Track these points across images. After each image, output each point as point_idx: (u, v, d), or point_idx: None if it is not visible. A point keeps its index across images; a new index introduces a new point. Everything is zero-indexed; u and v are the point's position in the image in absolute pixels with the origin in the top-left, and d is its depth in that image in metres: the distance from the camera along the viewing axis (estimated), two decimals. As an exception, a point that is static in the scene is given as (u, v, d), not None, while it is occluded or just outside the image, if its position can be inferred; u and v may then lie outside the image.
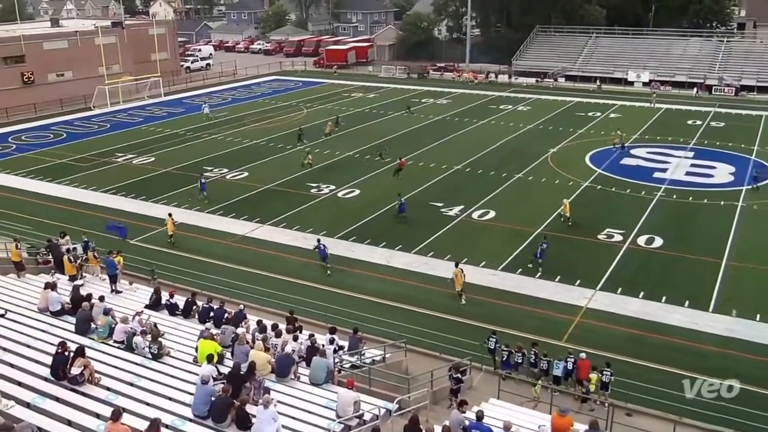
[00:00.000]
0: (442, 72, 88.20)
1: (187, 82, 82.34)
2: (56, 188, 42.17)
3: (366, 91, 76.46)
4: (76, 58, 71.02)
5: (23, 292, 23.43)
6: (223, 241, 33.68)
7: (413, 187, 41.10)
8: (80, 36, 71.97)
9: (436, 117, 62.13)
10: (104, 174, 45.07)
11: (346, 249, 32.43)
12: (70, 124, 60.86)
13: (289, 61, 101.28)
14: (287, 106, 67.31)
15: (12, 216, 36.35)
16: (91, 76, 69.97)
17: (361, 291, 28.23)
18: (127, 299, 24.49)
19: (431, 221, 35.78)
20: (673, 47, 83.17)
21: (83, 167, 46.53)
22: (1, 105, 62.12)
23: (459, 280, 27.34)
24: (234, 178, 43.88)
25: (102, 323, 19.49)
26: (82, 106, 67.46)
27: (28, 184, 43.20)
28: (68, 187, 42.47)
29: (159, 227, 35.17)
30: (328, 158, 48.07)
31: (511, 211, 37.01)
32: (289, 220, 36.07)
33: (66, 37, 72.00)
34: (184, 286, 27.51)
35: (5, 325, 19.65)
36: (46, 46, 69.40)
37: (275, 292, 27.48)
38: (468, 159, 47.09)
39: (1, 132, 57.57)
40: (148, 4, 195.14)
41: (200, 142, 53.54)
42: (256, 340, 19.57)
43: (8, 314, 20.46)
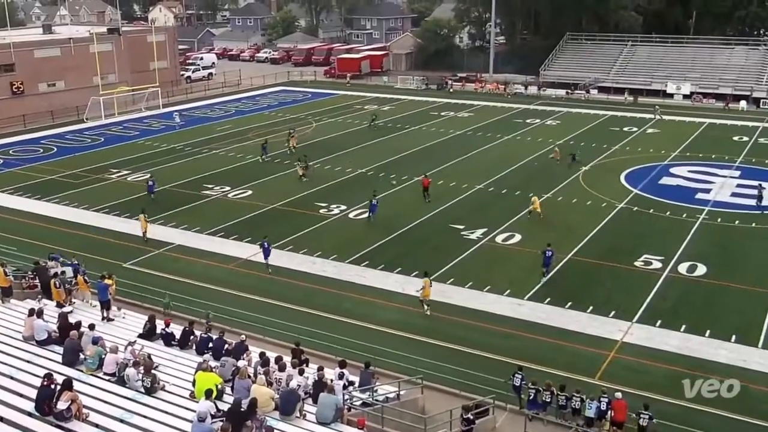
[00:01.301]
0: (464, 83, 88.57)
1: (188, 93, 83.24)
2: (45, 206, 42.56)
3: (381, 103, 76.83)
4: (69, 67, 72.05)
5: (7, 319, 23.52)
6: (224, 265, 33.76)
7: (432, 207, 41.11)
8: (74, 43, 73.06)
9: (457, 131, 62.28)
10: (97, 191, 45.46)
11: (358, 275, 32.39)
12: (62, 137, 61.59)
13: (298, 70, 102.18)
14: (295, 119, 67.78)
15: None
16: (84, 86, 70.90)
17: (374, 321, 28.14)
18: (119, 328, 24.52)
19: (451, 245, 35.71)
20: (716, 57, 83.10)
21: (74, 184, 46.98)
22: (-12, 117, 63.07)
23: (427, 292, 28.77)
24: (237, 196, 44.10)
25: (91, 354, 19.50)
26: (74, 119, 68.29)
27: (15, 201, 43.64)
28: (58, 205, 42.85)
29: (155, 249, 35.36)
30: (339, 176, 48.23)
31: (538, 235, 36.66)
32: (296, 243, 36.13)
33: (58, 45, 73.11)
34: (181, 314, 27.51)
35: (-13, 354, 19.71)
36: (37, 54, 70.48)
37: (280, 322, 27.46)
38: (492, 177, 47.07)
39: (-12, 146, 58.43)
40: (146, 9, 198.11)
41: (201, 157, 53.96)
42: (259, 374, 19.48)
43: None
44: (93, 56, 70.18)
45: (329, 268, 33.16)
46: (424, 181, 42.90)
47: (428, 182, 42.91)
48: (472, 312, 28.71)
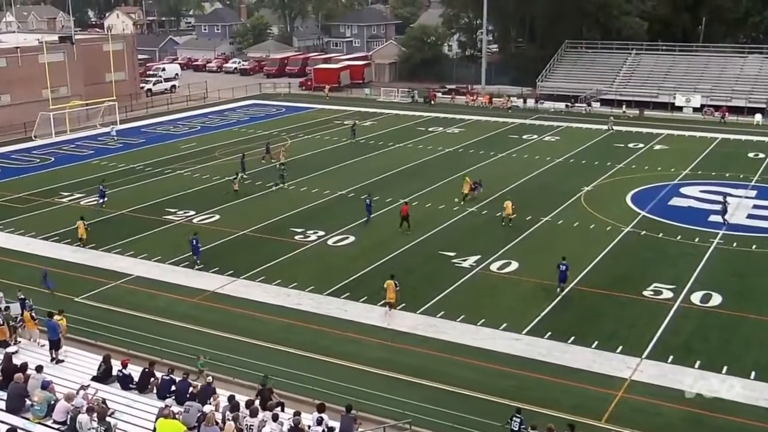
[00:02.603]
0: (453, 95, 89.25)
1: (148, 108, 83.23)
2: (-13, 234, 42.24)
3: (362, 117, 77.13)
4: (16, 79, 71.91)
5: (-56, 361, 23.20)
6: (189, 299, 33.55)
7: (419, 233, 41.15)
8: (21, 53, 73.04)
9: (447, 149, 62.61)
10: (46, 217, 45.17)
11: (338, 308, 32.30)
12: (7, 157, 61.26)
13: (271, 82, 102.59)
14: (267, 135, 67.89)
15: (-67, 268, 36.28)
16: (33, 100, 70.71)
17: (355, 359, 28.00)
18: (71, 370, 24.27)
19: (441, 274, 35.71)
20: (728, 66, 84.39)
21: (20, 209, 46.66)
22: (-76, 134, 62.69)
23: (390, 294, 30.57)
24: (203, 222, 43.96)
25: (39, 399, 19.28)
26: (21, 136, 68.01)
27: (-46, 229, 43.28)
28: (2, 232, 42.53)
29: (111, 281, 35.12)
30: (316, 198, 48.27)
31: (537, 263, 36.89)
32: (269, 273, 36.00)
33: (4, 55, 73.06)
34: (140, 353, 27.28)
35: None
36: (-20, 65, 70.44)
37: (251, 361, 27.24)
38: (485, 199, 47.26)
39: (-76, 167, 57.97)
40: (102, 15, 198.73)
41: (163, 178, 53.83)
42: (228, 420, 19.34)
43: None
44: (43, 67, 70.17)
45: (306, 301, 33.04)
46: (403, 208, 41.92)
47: (407, 209, 41.74)
48: (465, 348, 28.65)
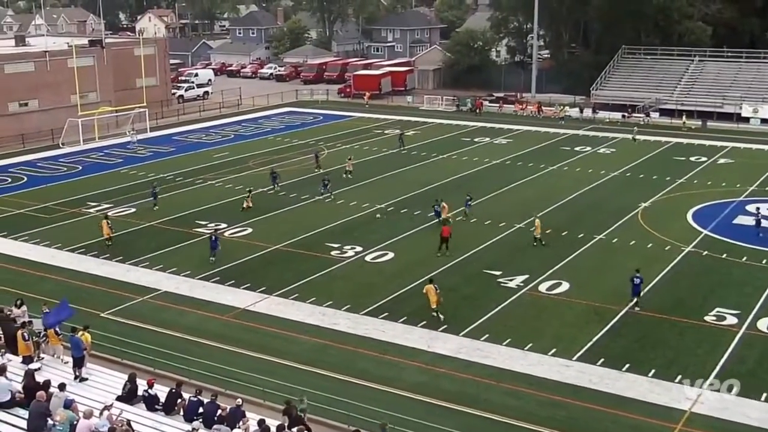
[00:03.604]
0: (501, 104, 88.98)
1: (180, 115, 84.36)
2: (12, 245, 43.00)
3: (404, 127, 77.22)
4: (44, 84, 73.34)
5: (-35, 377, 23.62)
6: (218, 316, 33.78)
7: (462, 250, 40.98)
8: (50, 57, 74.43)
9: (494, 160, 62.40)
10: (72, 228, 45.87)
11: (376, 328, 32.26)
12: (33, 165, 62.46)
13: (308, 89, 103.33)
14: (304, 145, 68.29)
15: (-44, 279, 37.04)
16: (61, 106, 72.13)
17: (394, 384, 27.92)
18: (95, 389, 24.51)
19: (486, 294, 35.54)
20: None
21: (46, 219, 47.47)
22: (-51, 141, 64.20)
23: (432, 297, 32.01)
24: (234, 235, 44.30)
25: (62, 419, 19.49)
26: (48, 143, 69.31)
27: (-22, 239, 44.18)
28: (27, 243, 43.24)
29: (138, 296, 35.52)
30: (354, 211, 48.37)
31: (590, 283, 36.57)
32: (303, 291, 36.11)
33: (33, 59, 74.52)
34: (167, 372, 27.51)
35: (-60, 418, 19.78)
36: (8, 69, 71.82)
37: (282, 384, 27.28)
38: (535, 215, 46.91)
39: (-52, 174, 59.35)
40: (134, 18, 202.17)
41: (193, 189, 54.42)
42: (257, 446, 19.35)
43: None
44: (72, 72, 71.47)
45: (342, 321, 33.07)
46: (444, 229, 41.04)
47: (449, 231, 40.59)
48: (511, 374, 28.42)
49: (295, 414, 22.74)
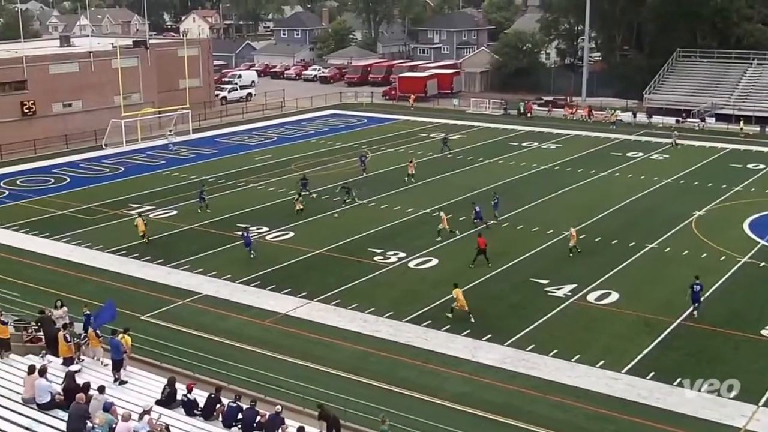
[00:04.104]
0: (550, 108, 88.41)
1: (222, 116, 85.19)
2: (54, 246, 43.77)
3: (450, 131, 77.08)
4: (88, 85, 74.66)
5: (6, 377, 24.09)
6: (259, 321, 34.01)
7: (509, 257, 40.80)
8: (94, 58, 75.75)
9: (542, 166, 62.01)
10: (114, 230, 46.52)
11: (418, 336, 32.20)
12: (76, 166, 63.58)
13: (352, 91, 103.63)
14: (348, 148, 68.52)
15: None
16: (104, 107, 73.38)
17: (436, 394, 27.85)
18: (134, 392, 24.83)
19: (532, 303, 35.31)
20: None
21: (88, 221, 48.25)
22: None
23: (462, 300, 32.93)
24: (276, 239, 44.59)
25: (101, 422, 19.74)
26: (91, 144, 70.50)
27: (20, 239, 45.02)
28: (68, 245, 44.00)
29: (178, 299, 35.91)
30: (397, 216, 48.38)
31: (640, 294, 36.14)
32: (345, 297, 36.21)
33: (77, 59, 75.90)
34: (207, 377, 27.76)
35: (-19, 418, 20.17)
36: (52, 70, 73.23)
37: (323, 391, 27.31)
38: (583, 222, 46.49)
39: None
40: (178, 19, 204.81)
41: (235, 192, 54.90)
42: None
43: (-15, 405, 21.03)
44: (115, 73, 72.58)
45: (384, 328, 33.08)
46: (480, 240, 40.40)
47: (485, 242, 39.99)
48: (558, 386, 28.19)
49: (333, 416, 22.82)
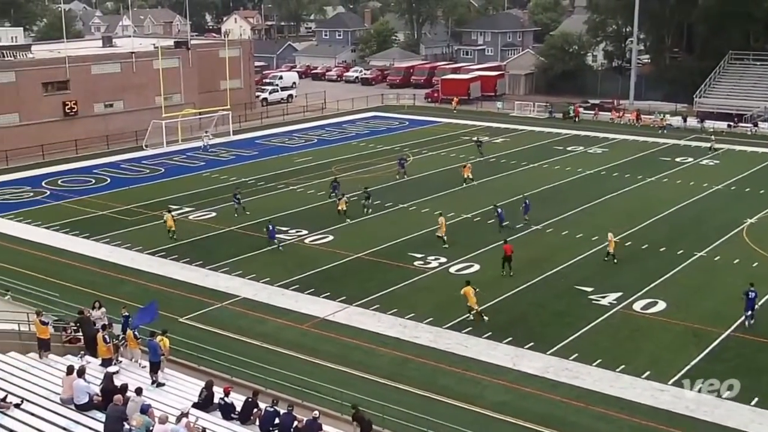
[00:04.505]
0: (597, 111, 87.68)
1: (263, 118, 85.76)
2: (93, 246, 44.41)
3: (493, 134, 76.81)
4: (130, 85, 75.75)
5: (45, 377, 24.48)
6: (297, 325, 34.15)
7: (552, 264, 40.53)
8: (136, 58, 76.87)
9: (587, 171, 61.53)
10: (153, 231, 46.98)
11: (459, 343, 32.11)
12: (116, 166, 64.46)
13: (394, 93, 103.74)
14: (389, 150, 68.56)
15: (37, 279, 38.36)
16: (145, 108, 74.35)
17: (476, 402, 27.74)
18: (171, 394, 25.08)
19: (576, 311, 35.04)
20: None
21: (128, 221, 48.88)
22: (36, 141, 66.56)
23: (472, 298, 33.37)
24: (315, 242, 44.76)
25: (138, 424, 19.96)
26: (132, 145, 71.46)
27: (61, 239, 45.73)
28: (108, 245, 44.60)
29: (217, 302, 36.19)
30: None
31: (689, 303, 35.69)
32: (384, 302, 36.22)
33: (119, 59, 77.07)
34: (244, 380, 27.95)
35: (19, 418, 20.49)
36: (94, 70, 74.43)
37: (361, 397, 27.36)
38: (629, 229, 46.08)
39: (35, 174, 61.72)
40: (220, 19, 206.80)
41: (275, 194, 55.22)
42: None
43: (24, 404, 21.35)
44: (157, 73, 73.39)
45: (424, 334, 33.03)
46: (506, 247, 39.65)
47: (511, 249, 39.32)
48: (601, 397, 27.93)
49: (367, 420, 22.87)
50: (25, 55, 76.84)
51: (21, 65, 71.19)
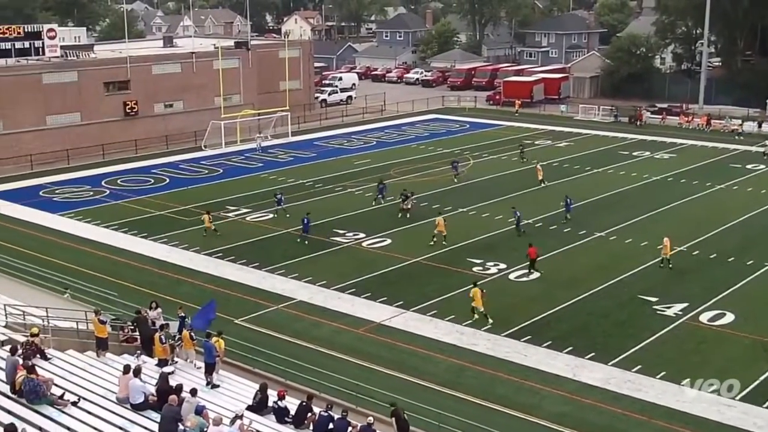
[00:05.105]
0: (664, 115, 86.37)
1: (322, 119, 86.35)
2: (151, 246, 45.16)
3: (556, 138, 76.15)
4: (190, 86, 76.97)
5: (102, 376, 24.93)
6: (353, 329, 34.26)
7: (615, 272, 40.04)
8: (196, 58, 78.08)
9: (653, 177, 60.67)
10: (211, 232, 47.57)
11: (517, 352, 31.89)
12: (175, 167, 65.48)
13: (455, 95, 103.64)
14: (448, 154, 68.41)
15: (96, 278, 39.19)
16: (204, 108, 75.50)
17: (535, 413, 27.55)
18: (226, 396, 25.33)
19: (640, 322, 34.59)
20: None
21: (186, 222, 49.57)
22: (97, 140, 68.15)
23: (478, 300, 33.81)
24: (373, 245, 44.87)
25: (192, 425, 20.19)
26: (191, 145, 72.55)
27: (120, 239, 46.59)
28: (166, 245, 45.32)
29: (272, 304, 36.50)
30: (498, 226, 48.01)
31: (758, 316, 34.98)
32: (442, 308, 36.15)
33: (179, 60, 78.36)
34: (298, 384, 28.14)
35: (76, 416, 20.90)
36: (155, 70, 75.82)
37: (416, 404, 27.35)
38: (697, 237, 45.35)
39: (95, 174, 63.03)
40: (280, 20, 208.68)
41: (332, 196, 55.51)
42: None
43: (81, 402, 21.78)
44: (216, 74, 74.44)
45: (481, 342, 32.89)
46: (531, 250, 39.94)
47: (536, 252, 39.87)
48: (665, 411, 27.50)
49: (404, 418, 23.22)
50: (88, 54, 78.62)
51: (83, 65, 72.79)
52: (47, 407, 21.04)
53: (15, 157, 64.39)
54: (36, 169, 63.83)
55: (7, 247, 44.13)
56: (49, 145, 66.68)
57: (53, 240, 46.27)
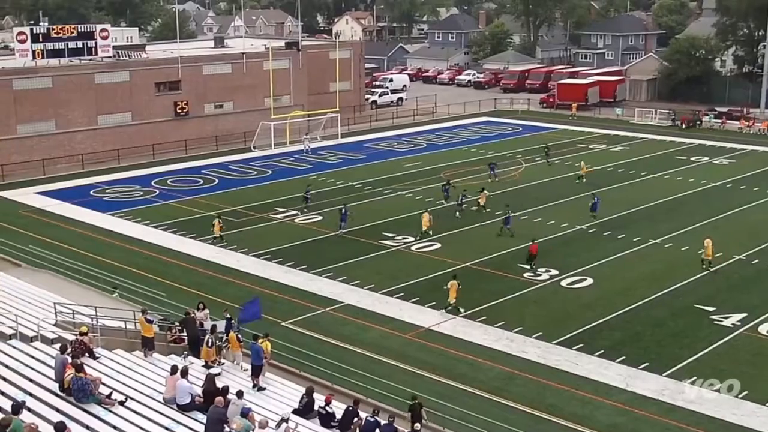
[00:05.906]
0: (724, 120, 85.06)
1: (372, 121, 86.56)
2: (200, 247, 45.64)
3: (611, 142, 75.40)
4: (240, 86, 77.64)
5: (149, 376, 25.25)
6: (401, 334, 34.26)
7: (671, 280, 39.50)
8: (247, 59, 78.74)
9: (712, 182, 59.77)
10: (259, 233, 48.10)
11: (568, 360, 31.63)
12: (225, 167, 66.13)
13: (507, 97, 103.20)
14: (500, 158, 68.08)
15: (144, 278, 39.78)
16: (254, 109, 76.16)
17: (586, 423, 27.30)
18: (272, 399, 25.49)
19: (696, 332, 34.14)
20: None
21: (234, 223, 49.98)
22: (148, 140, 69.21)
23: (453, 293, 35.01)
24: (422, 249, 44.82)
25: (238, 427, 20.35)
26: (240, 146, 73.23)
27: (169, 239, 47.21)
28: (215, 246, 45.76)
29: (320, 307, 36.66)
30: (550, 231, 47.64)
31: (820, 328, 34.25)
32: (491, 314, 35.99)
33: (230, 60, 79.10)
34: (345, 388, 28.21)
35: (123, 415, 21.20)
36: (206, 71, 76.63)
37: (465, 411, 27.28)
38: (757, 246, 44.59)
39: (145, 174, 63.97)
40: (331, 20, 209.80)
41: (382, 199, 55.61)
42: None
43: (128, 402, 22.09)
44: (267, 74, 75.10)
45: (532, 349, 32.69)
46: (532, 247, 40.96)
47: (536, 249, 40.96)
48: (722, 425, 27.10)
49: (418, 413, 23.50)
50: (140, 54, 79.91)
51: (135, 65, 73.96)
52: (95, 406, 21.37)
53: (66, 156, 65.73)
54: (87, 168, 64.99)
55: (57, 245, 45.00)
56: (101, 144, 67.98)
57: (103, 239, 47.05)
